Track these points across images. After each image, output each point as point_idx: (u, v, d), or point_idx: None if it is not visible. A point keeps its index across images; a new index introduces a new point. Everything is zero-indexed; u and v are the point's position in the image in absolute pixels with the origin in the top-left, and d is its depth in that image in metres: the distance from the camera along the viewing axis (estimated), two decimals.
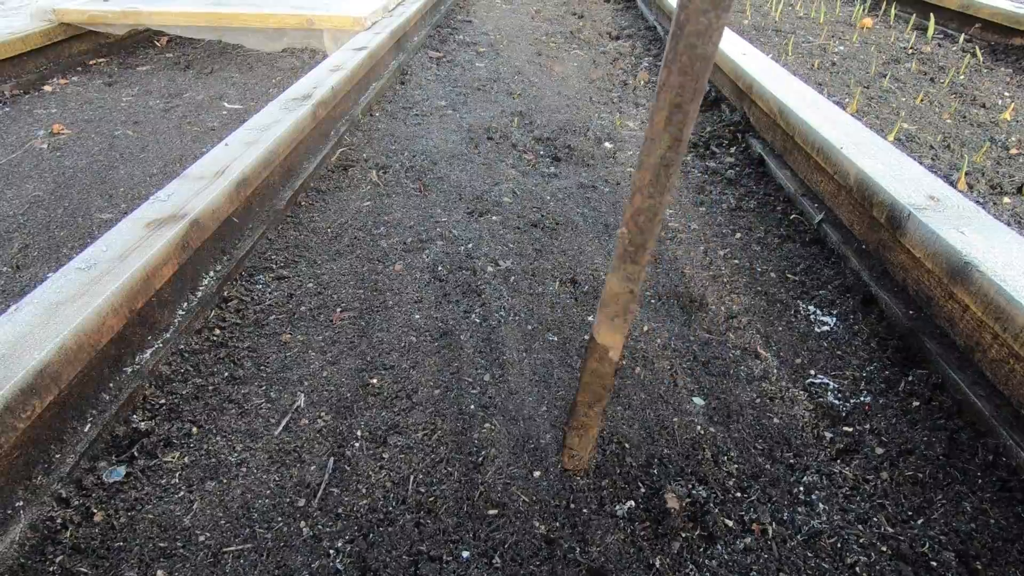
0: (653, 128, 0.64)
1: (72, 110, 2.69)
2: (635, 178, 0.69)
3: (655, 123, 0.63)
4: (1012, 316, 1.11)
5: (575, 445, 1.06)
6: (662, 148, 0.64)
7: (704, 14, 0.55)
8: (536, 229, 1.87)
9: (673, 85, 0.60)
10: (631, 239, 0.73)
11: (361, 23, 3.16)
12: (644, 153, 0.66)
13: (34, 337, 1.06)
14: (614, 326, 0.85)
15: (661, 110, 0.62)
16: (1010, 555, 0.98)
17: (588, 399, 0.97)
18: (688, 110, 0.61)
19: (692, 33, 0.56)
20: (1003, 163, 2.15)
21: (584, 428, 1.03)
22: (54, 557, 0.97)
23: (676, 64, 0.59)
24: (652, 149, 0.65)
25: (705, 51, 0.57)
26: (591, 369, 0.92)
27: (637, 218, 0.71)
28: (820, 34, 3.71)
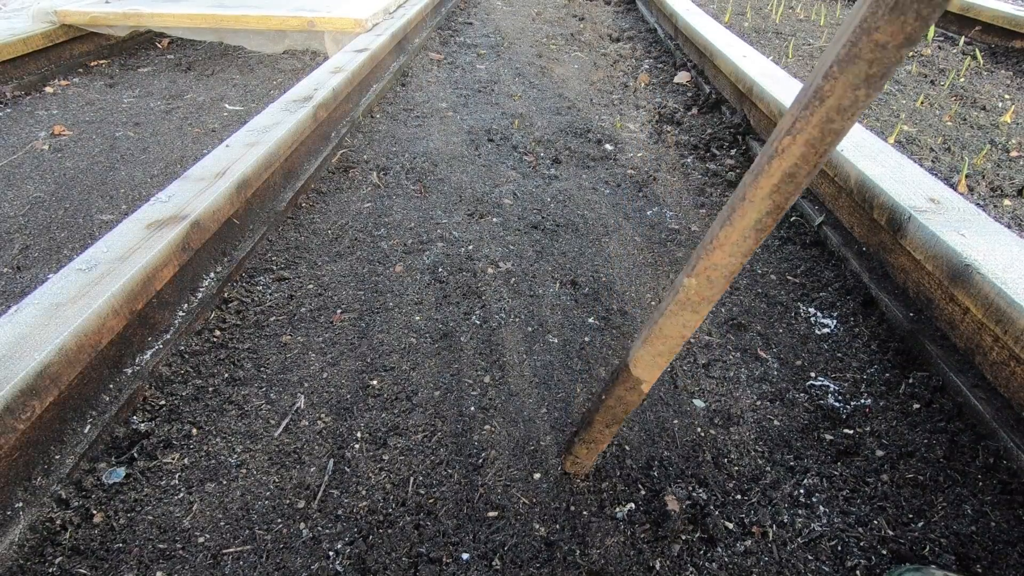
0: (755, 191, 0.58)
1: (73, 111, 2.69)
2: (718, 233, 0.64)
3: (759, 187, 0.58)
4: (1013, 318, 1.11)
5: (581, 455, 1.06)
6: (759, 213, 0.59)
7: (854, 90, 0.48)
8: (536, 231, 1.87)
9: (793, 155, 0.54)
10: (698, 291, 0.69)
11: (362, 25, 3.17)
12: (736, 213, 0.61)
13: (34, 338, 1.06)
14: (655, 364, 0.81)
15: (770, 176, 0.56)
16: (1011, 558, 0.98)
17: (607, 420, 0.95)
18: (801, 183, 0.56)
19: (833, 108, 0.50)
20: (1003, 165, 2.15)
21: (595, 443, 1.02)
22: (53, 558, 0.97)
23: (803, 134, 0.52)
24: (747, 211, 0.60)
25: (842, 127, 0.51)
26: (618, 395, 0.89)
27: (710, 272, 0.67)
28: (821, 37, 3.71)
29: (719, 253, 0.64)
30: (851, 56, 0.46)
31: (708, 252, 0.66)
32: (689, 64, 3.30)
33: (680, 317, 0.73)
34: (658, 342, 0.78)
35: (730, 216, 0.62)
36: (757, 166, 0.58)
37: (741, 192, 0.60)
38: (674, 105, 2.86)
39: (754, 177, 0.58)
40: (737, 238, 0.62)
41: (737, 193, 0.61)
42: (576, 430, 1.06)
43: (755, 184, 0.58)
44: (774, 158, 0.55)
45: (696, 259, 0.68)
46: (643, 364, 0.83)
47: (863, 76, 0.47)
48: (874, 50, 0.46)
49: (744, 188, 0.60)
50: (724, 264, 0.65)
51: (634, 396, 0.88)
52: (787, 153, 0.54)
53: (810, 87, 0.51)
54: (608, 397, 0.92)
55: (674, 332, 0.76)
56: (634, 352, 0.84)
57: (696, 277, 0.68)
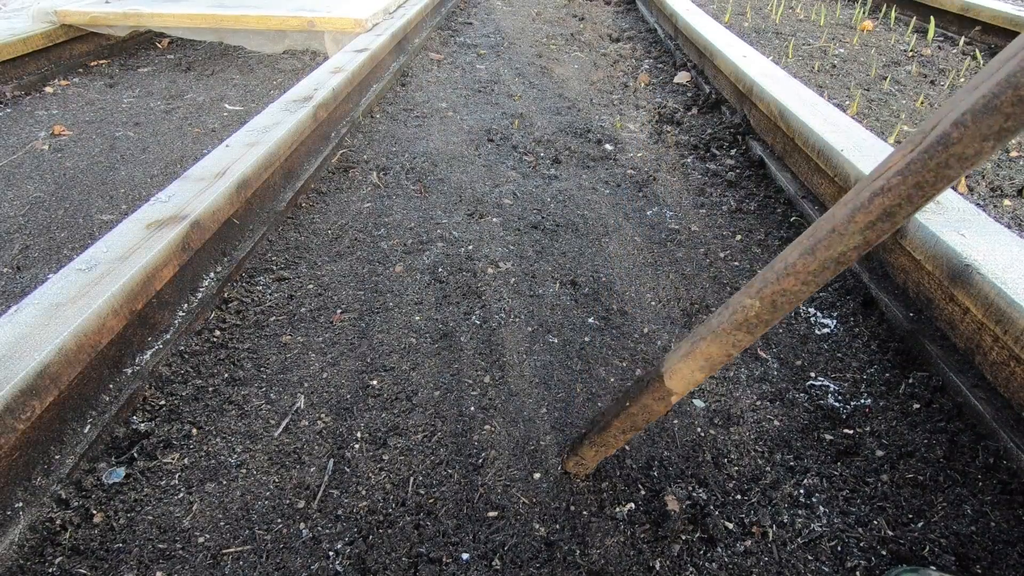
0: (847, 224, 0.56)
1: (73, 111, 2.69)
2: (795, 261, 0.62)
3: (853, 220, 0.56)
4: (1013, 319, 1.11)
5: (587, 457, 1.05)
6: (846, 247, 0.57)
7: (982, 141, 0.47)
8: (536, 231, 1.87)
9: (898, 194, 0.52)
10: (759, 313, 0.67)
11: (362, 25, 3.17)
12: (820, 243, 0.59)
13: (34, 338, 1.06)
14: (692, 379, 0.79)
15: (867, 211, 0.55)
16: (1010, 558, 0.98)
17: (625, 427, 0.93)
18: (897, 222, 0.54)
19: (956, 155, 0.49)
20: (1003, 166, 2.15)
21: (606, 447, 1.00)
22: (53, 558, 0.97)
23: (915, 176, 0.51)
24: (833, 243, 0.58)
25: (954, 176, 0.50)
26: (644, 404, 0.87)
27: (778, 298, 0.65)
28: (820, 37, 3.71)
29: (791, 280, 0.63)
30: (989, 108, 0.46)
31: (780, 278, 0.64)
32: (689, 64, 3.30)
33: (733, 337, 0.71)
34: (702, 358, 0.76)
35: (813, 246, 0.60)
36: (854, 200, 0.56)
37: (829, 224, 0.58)
38: (674, 105, 2.86)
39: (850, 212, 0.56)
40: (816, 268, 0.61)
41: (822, 225, 0.59)
42: (586, 432, 1.06)
43: (850, 218, 0.56)
44: (877, 196, 0.54)
45: (763, 282, 0.66)
46: (679, 377, 0.81)
47: (996, 128, 0.47)
48: (1016, 104, 0.45)
49: (833, 220, 0.58)
50: (794, 291, 0.64)
51: (661, 407, 0.86)
52: (892, 190, 0.53)
53: (933, 131, 0.50)
54: (633, 404, 0.89)
55: (722, 351, 0.74)
56: (671, 363, 0.81)
57: (760, 300, 0.66)
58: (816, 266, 0.60)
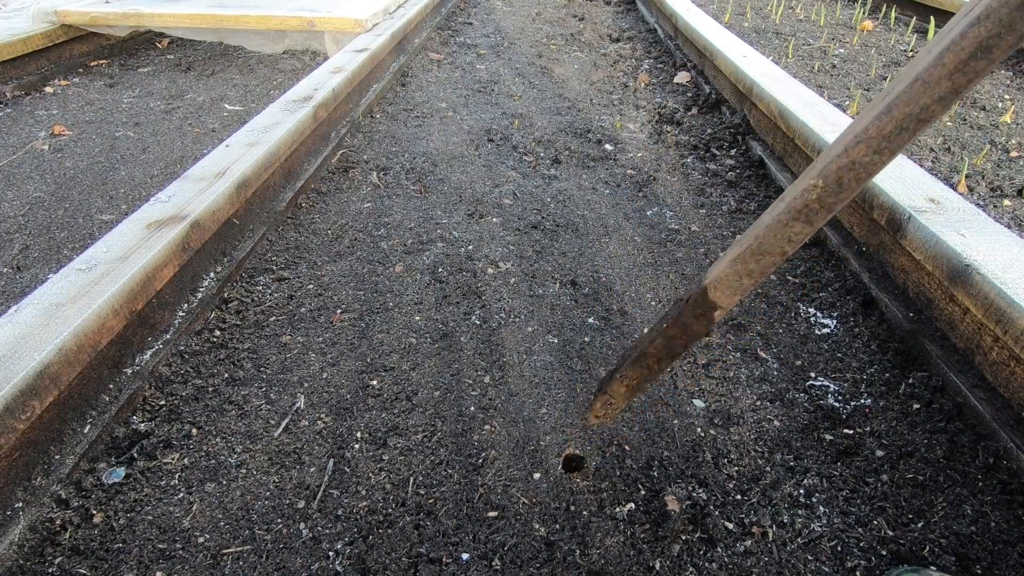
0: (933, 71, 0.50)
1: (73, 111, 2.70)
2: (866, 125, 0.55)
3: (942, 63, 0.49)
4: (1013, 319, 1.11)
5: (618, 395, 0.93)
6: (931, 98, 0.51)
7: None
8: (536, 231, 1.87)
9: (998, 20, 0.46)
10: (821, 196, 0.59)
11: (362, 25, 3.17)
12: (900, 97, 0.52)
13: (34, 338, 1.06)
14: (739, 287, 0.71)
15: (959, 49, 0.48)
16: (1010, 558, 0.98)
17: (663, 353, 0.83)
18: (995, 57, 0.48)
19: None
20: (1003, 166, 2.15)
21: (640, 381, 0.89)
22: (53, 558, 0.97)
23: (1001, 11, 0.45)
24: (916, 96, 0.51)
25: None
26: (684, 323, 0.77)
27: (845, 173, 0.57)
28: (820, 37, 3.71)
29: (862, 148, 0.56)
30: None
31: (849, 148, 0.56)
32: (689, 64, 3.30)
33: (791, 228, 0.63)
34: (752, 259, 0.67)
35: (889, 105, 0.53)
36: (941, 43, 0.50)
37: (911, 75, 0.52)
38: (674, 105, 2.86)
39: (937, 55, 0.50)
40: (892, 129, 0.53)
41: (902, 78, 0.53)
42: (615, 367, 0.95)
43: (938, 63, 0.50)
44: (972, 27, 0.48)
45: (827, 159, 0.58)
46: (725, 286, 0.72)
47: None
48: None
49: (915, 70, 0.52)
50: (865, 163, 0.56)
51: (702, 326, 0.77)
52: (985, 21, 0.47)
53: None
54: (671, 325, 0.80)
55: (776, 247, 0.65)
56: (715, 272, 0.73)
57: (824, 179, 0.58)
58: (893, 127, 0.53)
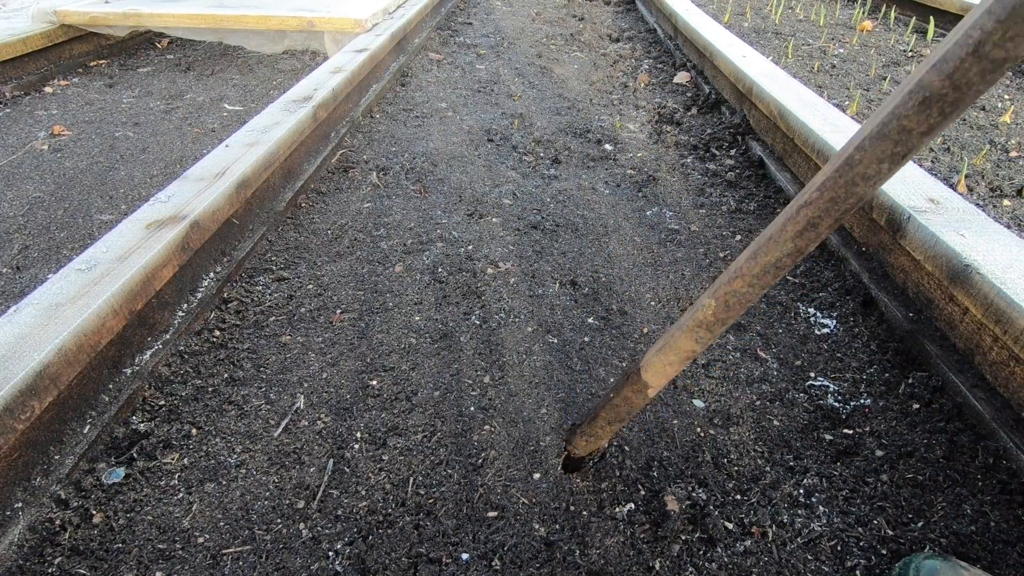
0: (780, 232, 0.65)
1: (73, 111, 2.69)
2: (742, 265, 0.70)
3: (785, 230, 0.64)
4: (1012, 319, 1.11)
5: (580, 447, 1.08)
6: (781, 253, 0.66)
7: (879, 163, 0.55)
8: (536, 231, 1.87)
9: (818, 207, 0.61)
10: (715, 312, 0.75)
11: (362, 25, 3.17)
12: (761, 249, 0.67)
13: (34, 338, 1.06)
14: (664, 372, 0.87)
15: (795, 222, 0.63)
16: (1010, 558, 0.98)
17: (611, 417, 0.99)
18: (822, 232, 0.63)
19: (859, 175, 0.57)
20: (1003, 166, 2.16)
21: (595, 438, 1.04)
22: (53, 559, 0.97)
23: (830, 192, 0.59)
24: (771, 249, 0.66)
25: (863, 193, 0.58)
26: (625, 396, 0.94)
27: (729, 298, 0.72)
28: (820, 37, 3.71)
29: (739, 282, 0.71)
30: (881, 135, 0.55)
31: (731, 279, 0.72)
32: (689, 64, 3.30)
33: (695, 333, 0.79)
34: (671, 353, 0.84)
35: (755, 252, 0.68)
36: (787, 213, 0.65)
37: (768, 232, 0.67)
38: (674, 105, 2.86)
39: (783, 222, 0.65)
40: (758, 271, 0.69)
41: (765, 233, 0.68)
42: (578, 423, 1.07)
43: (782, 228, 0.65)
44: (803, 208, 0.62)
45: (719, 284, 0.74)
46: (653, 370, 0.88)
47: (889, 153, 0.55)
48: (900, 133, 0.53)
49: (772, 229, 0.66)
50: (743, 293, 0.71)
51: (639, 399, 0.93)
52: (812, 203, 0.61)
53: (843, 154, 0.58)
54: (616, 396, 0.96)
55: (687, 346, 0.82)
56: (647, 358, 0.89)
57: (715, 300, 0.74)
58: (758, 270, 0.68)
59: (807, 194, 0.62)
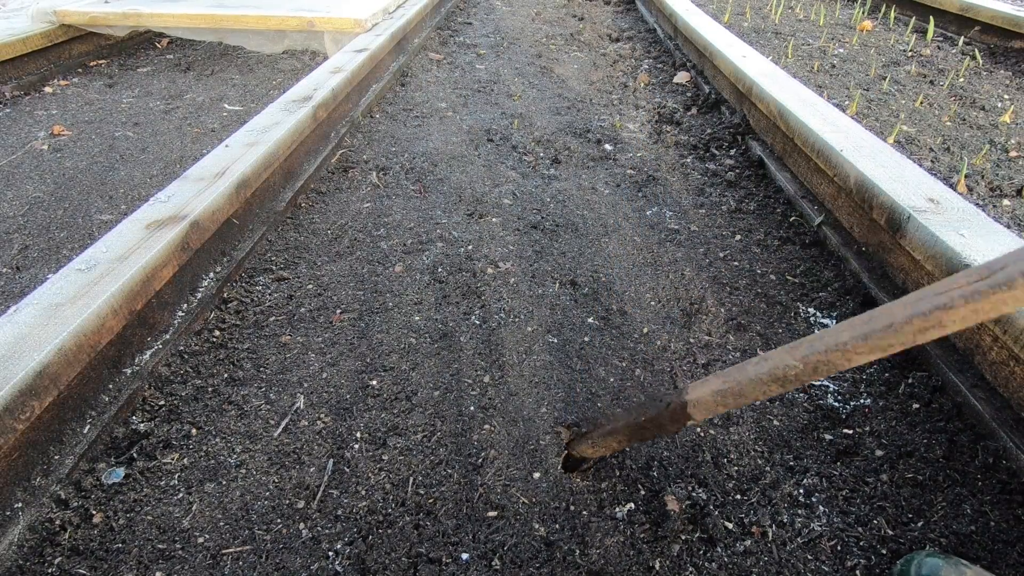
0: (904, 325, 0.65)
1: (72, 111, 2.69)
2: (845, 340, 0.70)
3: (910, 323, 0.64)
4: (1012, 319, 1.11)
5: (587, 453, 1.08)
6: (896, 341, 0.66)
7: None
8: (536, 231, 1.87)
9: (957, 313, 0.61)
10: (798, 375, 0.75)
11: (362, 25, 3.17)
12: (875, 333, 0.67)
13: (34, 338, 1.06)
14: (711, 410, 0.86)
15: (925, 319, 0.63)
16: (1010, 557, 0.98)
17: (633, 436, 0.98)
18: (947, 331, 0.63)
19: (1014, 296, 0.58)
20: (1003, 165, 2.16)
21: (607, 449, 1.04)
22: (52, 559, 0.97)
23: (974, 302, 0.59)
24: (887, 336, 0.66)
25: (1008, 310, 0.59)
26: (659, 422, 0.92)
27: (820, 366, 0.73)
28: (820, 37, 3.71)
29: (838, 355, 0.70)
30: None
31: (828, 350, 0.71)
32: (688, 64, 3.30)
33: (766, 387, 0.78)
34: (731, 397, 0.82)
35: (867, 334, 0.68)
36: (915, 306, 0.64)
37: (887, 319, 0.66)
38: (674, 105, 2.86)
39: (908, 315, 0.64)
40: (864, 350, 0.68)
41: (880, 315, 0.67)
42: (587, 432, 1.07)
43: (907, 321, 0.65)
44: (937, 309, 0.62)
45: (811, 350, 0.73)
46: (702, 407, 0.86)
47: None
48: None
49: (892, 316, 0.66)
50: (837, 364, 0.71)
51: (673, 428, 0.92)
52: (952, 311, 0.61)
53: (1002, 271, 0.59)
54: (647, 419, 0.94)
55: (752, 395, 0.80)
56: (697, 392, 0.87)
57: (804, 364, 0.74)
58: (865, 349, 0.68)
59: (946, 296, 0.61)
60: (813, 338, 0.74)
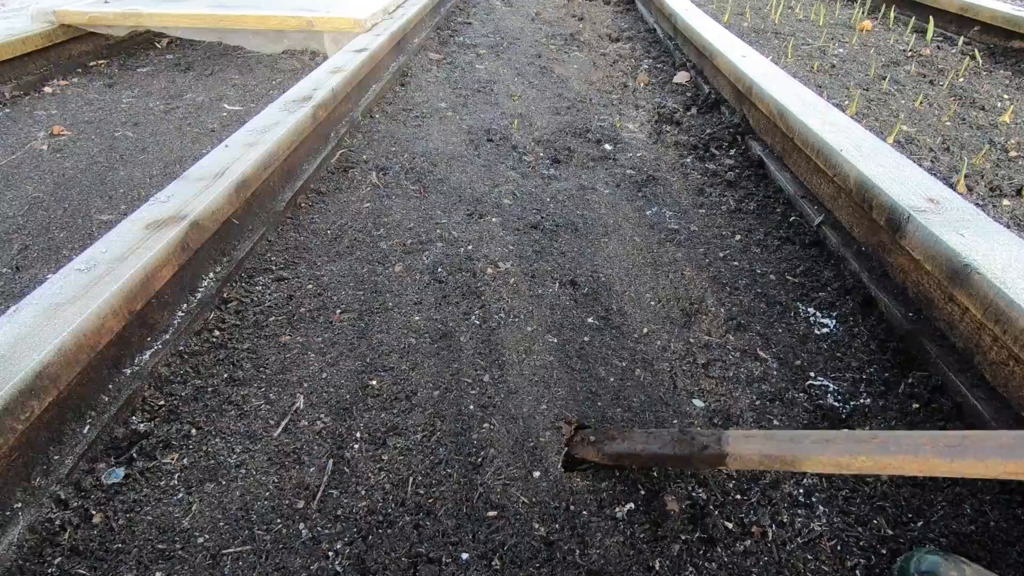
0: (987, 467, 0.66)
1: (72, 111, 2.69)
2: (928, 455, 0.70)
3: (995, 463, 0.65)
4: (1012, 318, 1.11)
5: (589, 457, 1.09)
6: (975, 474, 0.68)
7: None
8: (536, 231, 1.87)
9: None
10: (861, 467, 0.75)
11: (361, 25, 3.16)
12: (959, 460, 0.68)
13: (33, 338, 1.06)
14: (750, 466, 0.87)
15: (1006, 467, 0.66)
16: (1009, 557, 0.98)
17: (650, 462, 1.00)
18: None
19: None
20: (1002, 165, 2.16)
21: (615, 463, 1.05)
22: (52, 559, 0.97)
23: None
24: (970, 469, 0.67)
25: None
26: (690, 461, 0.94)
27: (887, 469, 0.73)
28: (820, 37, 3.71)
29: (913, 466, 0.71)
30: None
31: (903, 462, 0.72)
32: (688, 64, 3.30)
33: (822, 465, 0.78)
34: (778, 463, 0.83)
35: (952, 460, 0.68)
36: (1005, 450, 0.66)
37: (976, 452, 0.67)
38: (673, 105, 2.86)
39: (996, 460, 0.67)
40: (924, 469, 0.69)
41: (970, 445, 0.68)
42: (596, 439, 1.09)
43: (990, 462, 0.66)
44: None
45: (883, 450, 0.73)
46: (742, 462, 0.88)
47: None
48: None
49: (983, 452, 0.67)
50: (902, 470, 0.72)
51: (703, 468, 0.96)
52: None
53: None
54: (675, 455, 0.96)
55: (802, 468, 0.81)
56: (741, 448, 0.88)
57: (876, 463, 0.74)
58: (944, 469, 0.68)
59: None
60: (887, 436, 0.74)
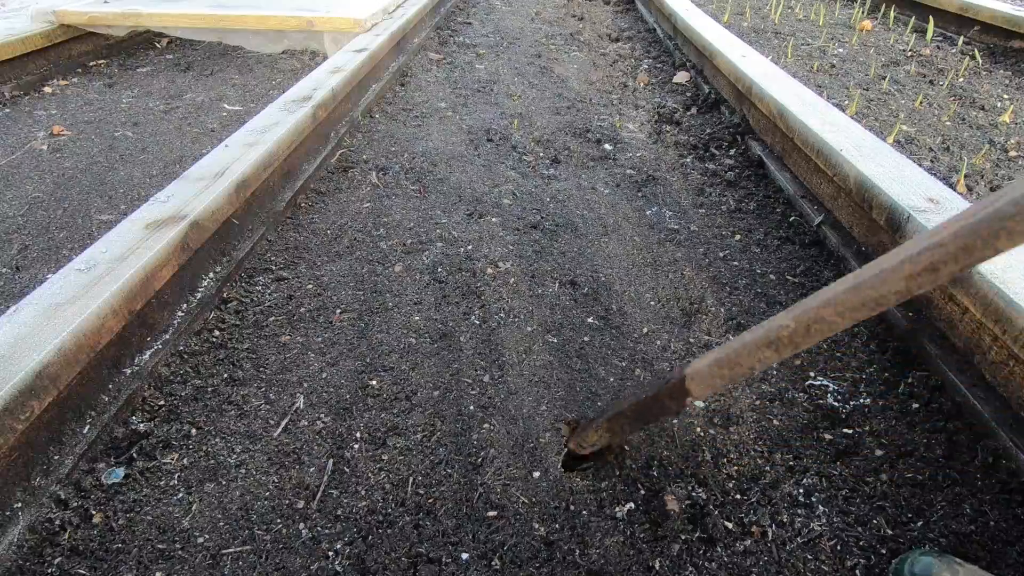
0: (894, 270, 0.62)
1: (72, 111, 2.69)
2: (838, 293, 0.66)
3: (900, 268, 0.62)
4: (1012, 318, 1.11)
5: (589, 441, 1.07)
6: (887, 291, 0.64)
7: None
8: (536, 231, 1.87)
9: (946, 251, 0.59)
10: (791, 336, 0.72)
11: (361, 25, 3.16)
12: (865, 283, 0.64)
13: (33, 338, 1.06)
14: (710, 384, 0.84)
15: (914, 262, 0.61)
16: (1009, 557, 0.98)
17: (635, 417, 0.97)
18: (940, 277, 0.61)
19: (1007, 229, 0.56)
20: (1002, 165, 2.16)
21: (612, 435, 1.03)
22: (52, 559, 0.97)
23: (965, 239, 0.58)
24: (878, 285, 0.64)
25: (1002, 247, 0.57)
26: (660, 400, 0.92)
27: (812, 324, 0.70)
28: (819, 36, 3.71)
29: (830, 311, 0.68)
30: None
31: (820, 306, 0.69)
32: (688, 64, 3.30)
33: (762, 352, 0.76)
34: (727, 367, 0.80)
35: (858, 284, 0.66)
36: (905, 252, 0.63)
37: (877, 267, 0.64)
38: (673, 105, 2.86)
39: (899, 259, 0.63)
40: (856, 304, 0.66)
41: (871, 268, 0.65)
42: (593, 418, 1.07)
43: (897, 266, 0.62)
44: (927, 250, 0.61)
45: (803, 309, 0.70)
46: (700, 381, 0.85)
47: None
48: None
49: (880, 264, 0.64)
50: (830, 321, 0.69)
51: (675, 407, 0.91)
52: (942, 249, 0.60)
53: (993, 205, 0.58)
54: (649, 399, 0.94)
55: (747, 363, 0.78)
56: (695, 367, 0.86)
57: (796, 322, 0.71)
58: (856, 302, 0.66)
59: (938, 237, 0.60)
60: (807, 299, 0.72)
